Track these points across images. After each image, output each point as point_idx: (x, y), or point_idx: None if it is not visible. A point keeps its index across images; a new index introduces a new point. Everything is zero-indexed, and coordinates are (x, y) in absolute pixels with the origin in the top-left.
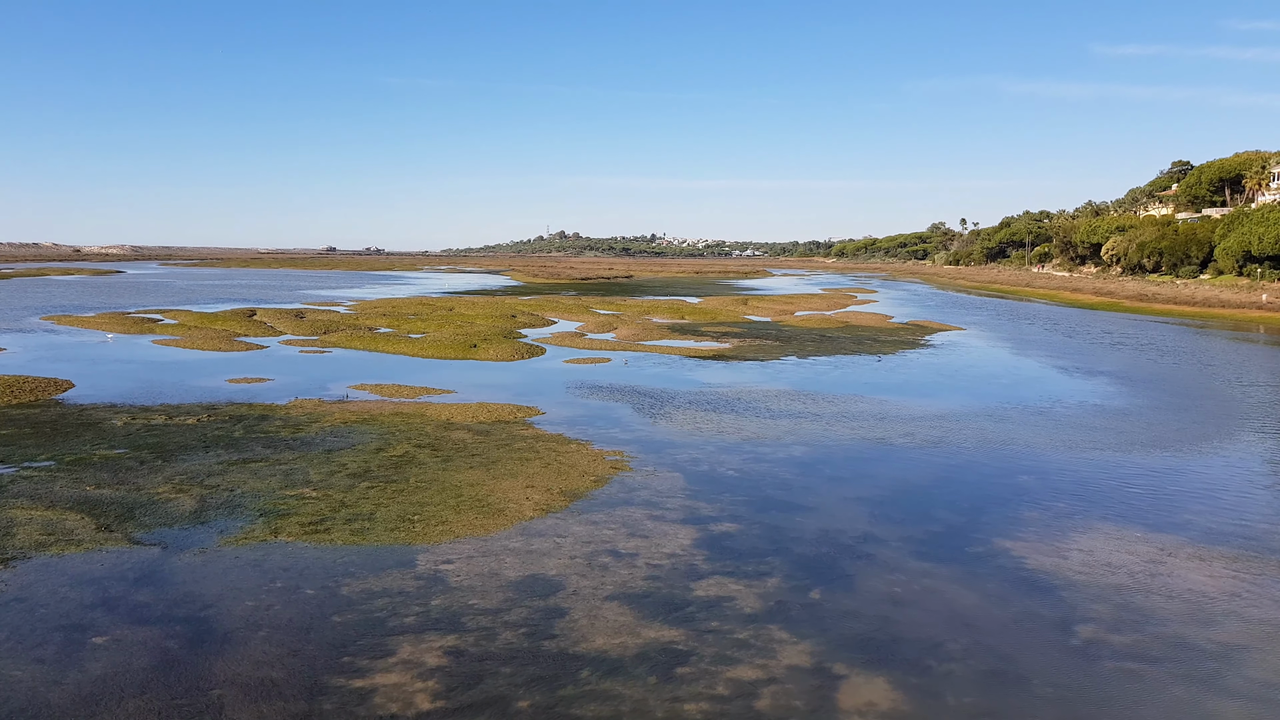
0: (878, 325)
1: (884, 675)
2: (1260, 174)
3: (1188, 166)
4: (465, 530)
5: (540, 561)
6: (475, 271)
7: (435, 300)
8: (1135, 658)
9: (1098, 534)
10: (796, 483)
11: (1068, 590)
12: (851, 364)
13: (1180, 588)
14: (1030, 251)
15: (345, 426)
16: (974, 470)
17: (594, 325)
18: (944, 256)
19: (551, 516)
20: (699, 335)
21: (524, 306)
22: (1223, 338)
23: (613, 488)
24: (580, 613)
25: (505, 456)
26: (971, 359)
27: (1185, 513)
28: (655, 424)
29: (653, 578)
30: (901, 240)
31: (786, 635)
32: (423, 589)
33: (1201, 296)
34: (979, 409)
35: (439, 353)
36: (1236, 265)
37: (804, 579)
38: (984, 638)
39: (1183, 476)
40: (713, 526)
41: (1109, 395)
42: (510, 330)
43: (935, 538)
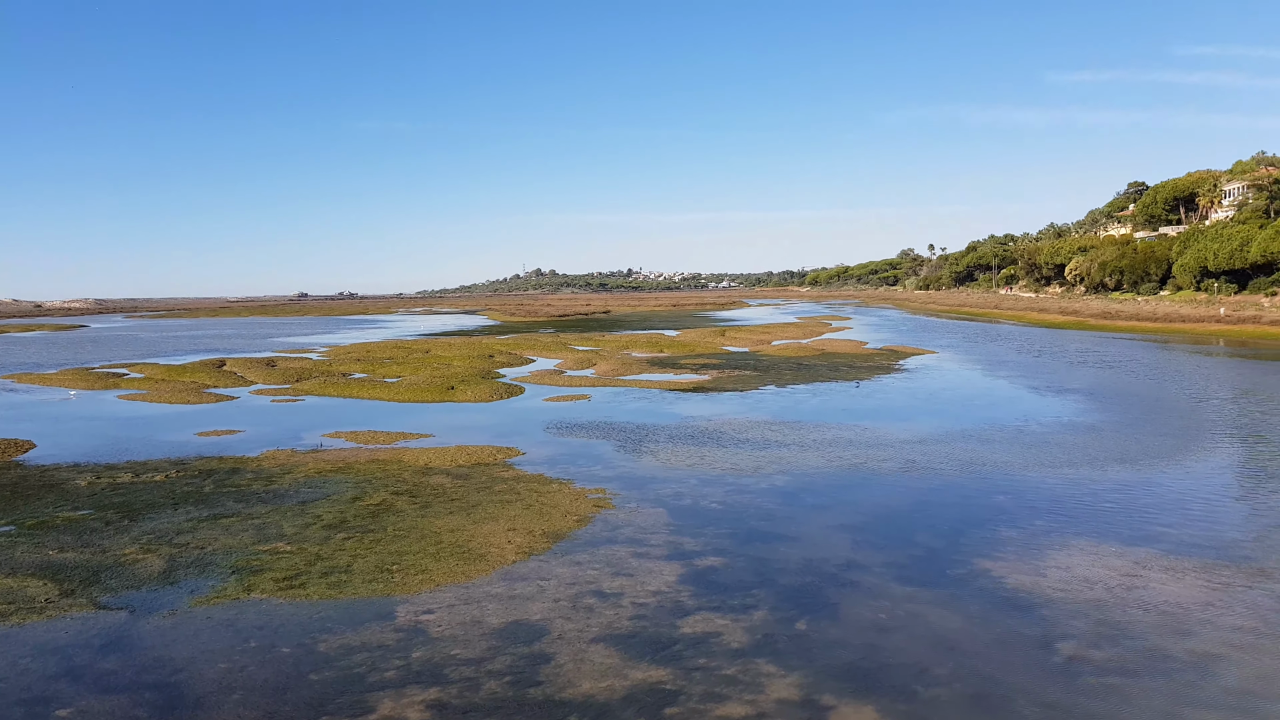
0: (853, 352)
1: (872, 703)
2: (1212, 192)
3: (1143, 187)
4: (446, 578)
5: (524, 606)
6: (452, 312)
7: (411, 343)
8: (1115, 672)
9: (1074, 550)
10: (779, 513)
11: (1048, 608)
12: (829, 391)
13: (1156, 600)
14: (997, 274)
15: (320, 477)
16: (952, 492)
17: (573, 362)
18: (914, 282)
19: (534, 559)
20: (678, 368)
21: (502, 346)
22: (1185, 351)
23: (596, 526)
24: (566, 657)
25: (485, 500)
26: (945, 382)
27: (1157, 525)
28: (637, 459)
29: (638, 617)
30: (873, 267)
31: (774, 668)
32: (403, 641)
33: (1162, 312)
34: (954, 431)
35: (415, 396)
36: (1194, 281)
37: (790, 610)
38: (968, 660)
39: (1153, 490)
40: (697, 561)
41: (1079, 413)
42: (488, 370)
43: (917, 561)
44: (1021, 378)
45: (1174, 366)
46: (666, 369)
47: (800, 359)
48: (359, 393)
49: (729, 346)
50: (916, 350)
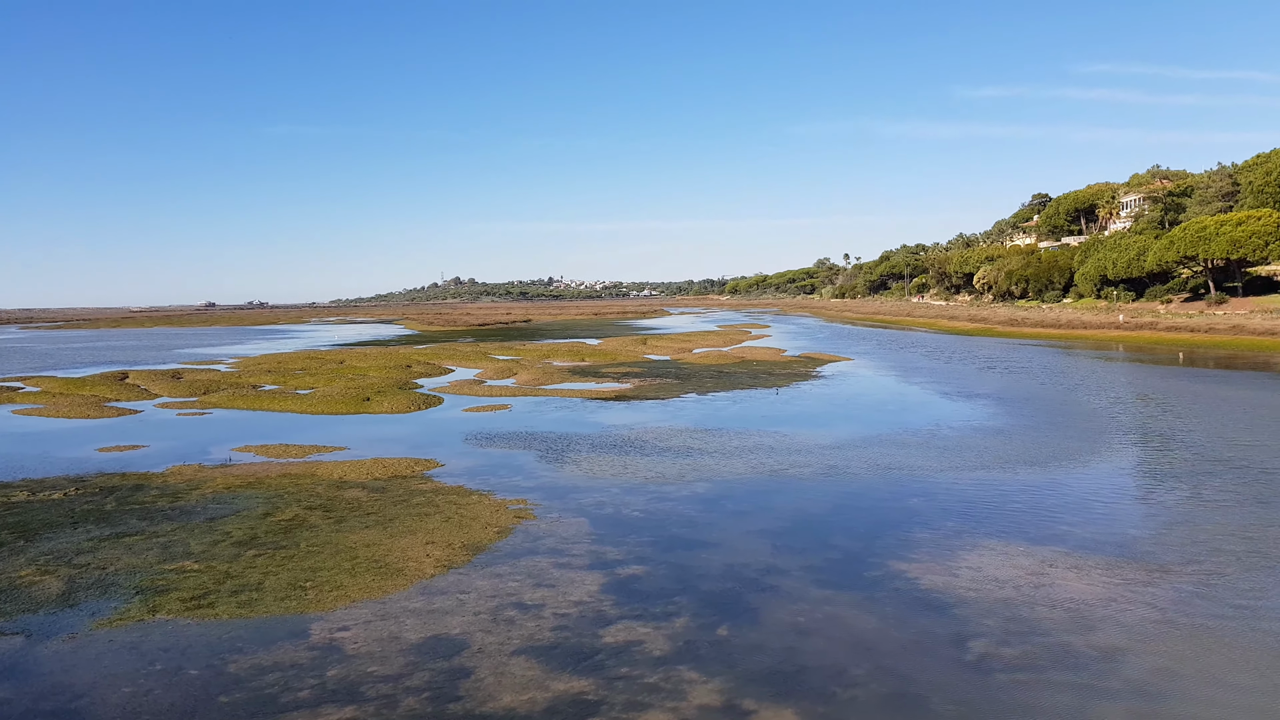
0: (772, 359)
1: (791, 707)
2: (1111, 203)
3: (1047, 199)
4: (362, 594)
5: (443, 620)
6: (367, 322)
7: (324, 353)
8: (1024, 668)
9: (984, 550)
10: (700, 519)
11: (960, 607)
12: (749, 398)
13: (1062, 597)
14: (909, 283)
15: (229, 492)
16: (868, 496)
17: (493, 372)
18: (831, 290)
19: (453, 572)
20: (600, 377)
21: (420, 356)
22: (1087, 357)
23: (517, 538)
24: (486, 670)
25: (403, 513)
26: (860, 388)
27: (1062, 525)
28: (559, 469)
29: (560, 628)
30: (791, 276)
31: (696, 675)
32: (317, 660)
33: (1065, 319)
34: (870, 436)
35: (329, 408)
36: (1095, 289)
37: (711, 616)
38: (884, 660)
39: (1058, 490)
40: (619, 570)
41: (988, 417)
42: (405, 381)
43: (835, 564)
44: (933, 383)
45: (1077, 372)
46: (588, 378)
47: (721, 367)
48: (270, 405)
49: (651, 355)
50: (833, 357)
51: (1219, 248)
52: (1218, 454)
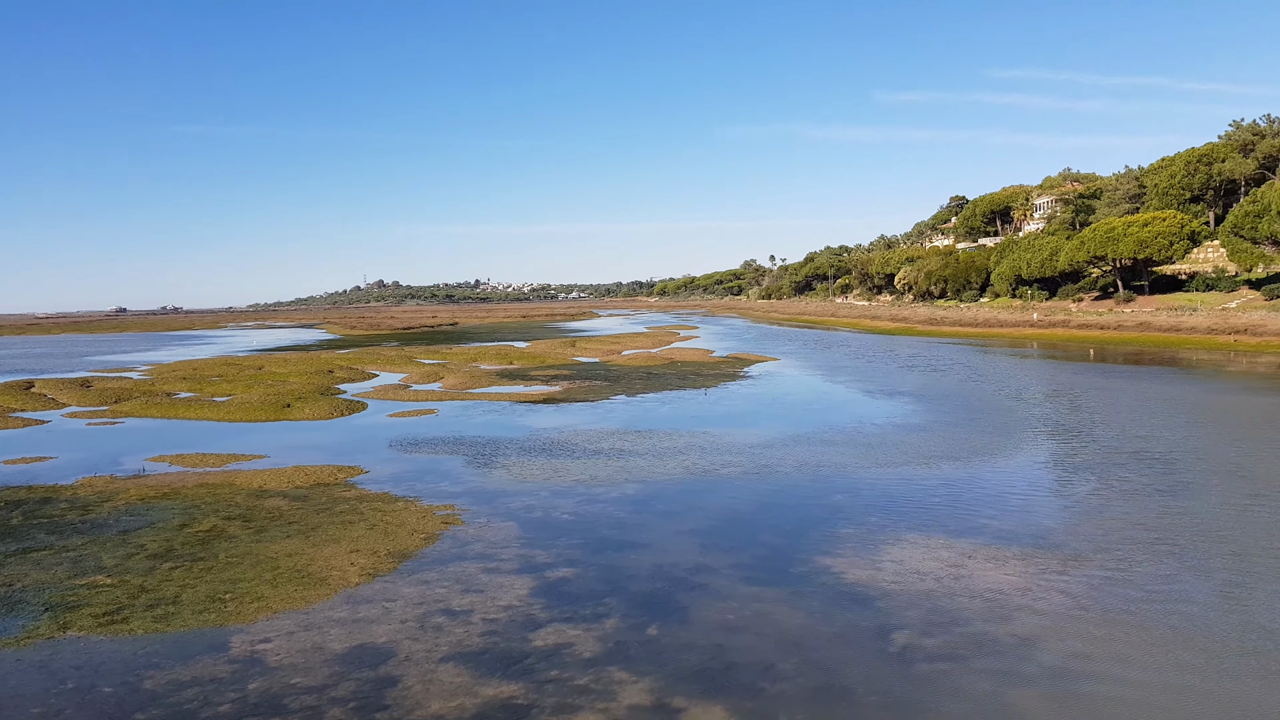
0: (700, 360)
1: (721, 703)
2: (1025, 205)
3: (964, 201)
4: (284, 605)
5: (368, 629)
6: (287, 326)
7: (242, 359)
8: (945, 658)
9: (907, 544)
10: (630, 521)
11: (883, 600)
12: (678, 399)
13: (981, 588)
14: (833, 284)
15: (143, 504)
16: (794, 493)
17: (419, 376)
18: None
19: (379, 580)
20: (528, 380)
21: (342, 360)
22: (1003, 354)
23: (444, 544)
24: (414, 679)
25: (326, 522)
26: (787, 388)
27: (980, 518)
28: (487, 474)
29: (489, 633)
30: (718, 278)
31: (626, 675)
32: (238, 673)
33: (983, 318)
34: (796, 435)
35: (248, 415)
36: (1010, 288)
37: (641, 616)
38: (811, 654)
39: (977, 484)
40: (549, 573)
41: (909, 414)
42: (328, 387)
43: (762, 562)
44: (857, 382)
45: (993, 369)
46: (516, 381)
47: (650, 368)
48: (185, 413)
49: (579, 357)
50: (760, 358)
51: (1126, 248)
52: (1126, 447)
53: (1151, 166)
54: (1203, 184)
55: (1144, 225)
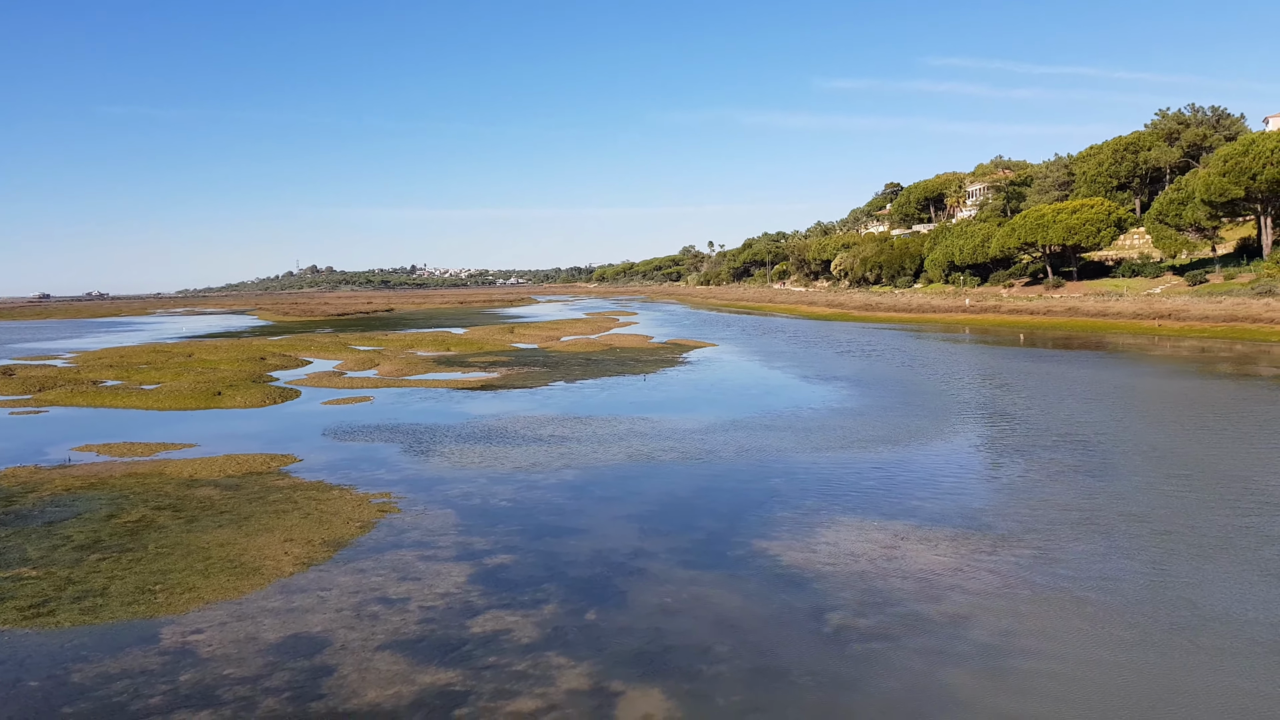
0: (640, 346)
1: (658, 686)
2: (958, 192)
3: (899, 188)
4: (216, 595)
5: (303, 619)
6: (218, 312)
7: (171, 346)
8: (879, 638)
9: (841, 526)
10: (569, 506)
11: (819, 582)
12: (617, 385)
13: (913, 568)
14: (771, 270)
15: (68, 494)
16: (732, 478)
17: (353, 363)
18: (696, 278)
19: (314, 570)
20: (466, 366)
21: (275, 347)
22: (936, 339)
23: (380, 532)
24: (350, 667)
25: (259, 511)
26: (725, 373)
27: (913, 500)
28: (424, 461)
29: (426, 620)
30: (657, 264)
31: (565, 660)
32: (169, 665)
33: (916, 304)
34: (734, 420)
35: (178, 404)
36: (944, 274)
37: (580, 601)
38: (748, 636)
39: (910, 467)
40: (487, 560)
41: (844, 398)
42: (260, 374)
43: (700, 546)
44: (794, 367)
45: (927, 354)
46: (454, 367)
47: (589, 354)
48: (113, 401)
49: (518, 343)
50: (699, 343)
51: (1056, 235)
52: (1054, 430)
53: (1080, 154)
54: (1129, 172)
55: (1073, 212)
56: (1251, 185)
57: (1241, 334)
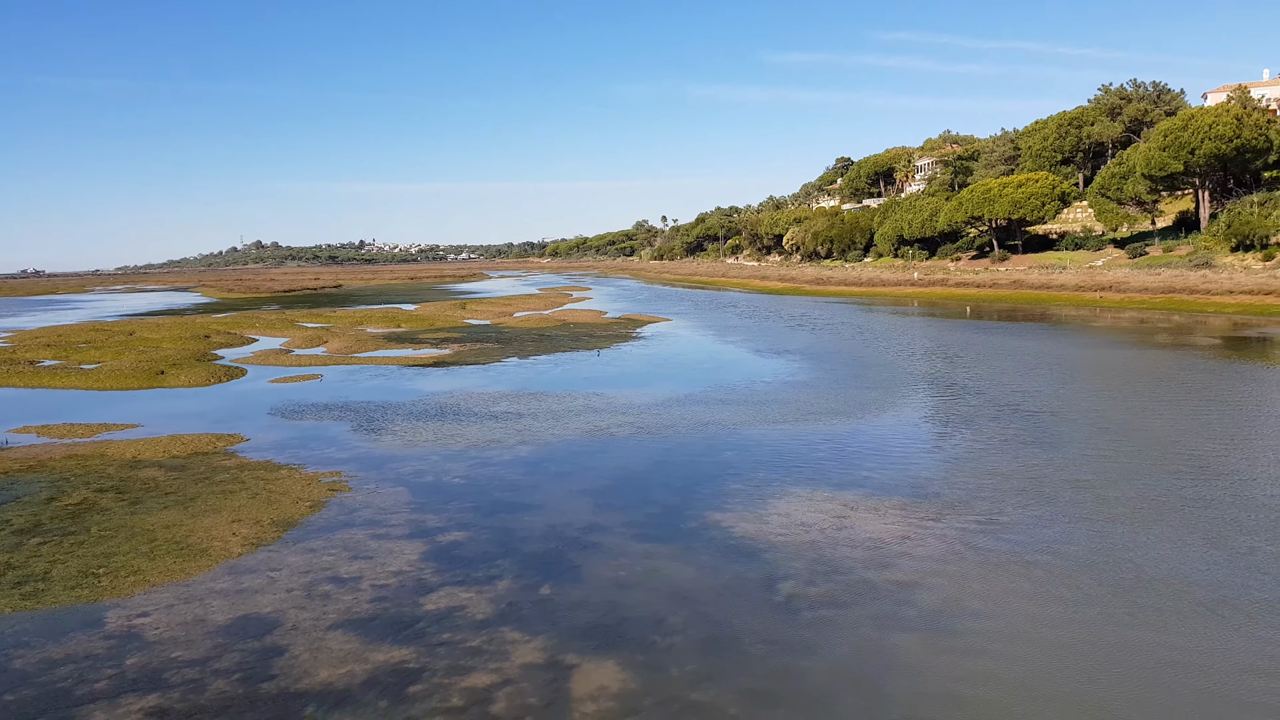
0: (593, 321)
1: (613, 658)
2: (907, 167)
3: (849, 162)
4: (163, 577)
5: (252, 600)
6: (159, 290)
7: (111, 325)
8: (829, 605)
9: (793, 498)
10: (523, 483)
11: (770, 552)
12: (571, 361)
13: (862, 537)
14: (724, 244)
15: (6, 477)
16: (686, 451)
17: (301, 340)
18: (650, 252)
19: (263, 550)
20: (417, 343)
21: (219, 325)
22: (885, 312)
23: (331, 511)
24: (301, 647)
25: (206, 491)
26: (679, 348)
27: (862, 470)
28: (375, 439)
29: (379, 599)
30: (611, 238)
31: (519, 635)
32: (115, 649)
33: (867, 277)
34: (687, 394)
35: (119, 384)
36: (893, 248)
37: (534, 577)
38: (701, 607)
39: (859, 438)
40: (440, 537)
41: (796, 372)
42: (204, 352)
43: (654, 519)
44: (747, 341)
45: (876, 327)
46: (405, 344)
47: (542, 330)
48: (51, 382)
49: (470, 319)
50: (653, 318)
51: (1002, 209)
52: (999, 400)
53: (1026, 129)
54: (1073, 146)
55: (1018, 186)
56: (1190, 160)
57: (1179, 305)
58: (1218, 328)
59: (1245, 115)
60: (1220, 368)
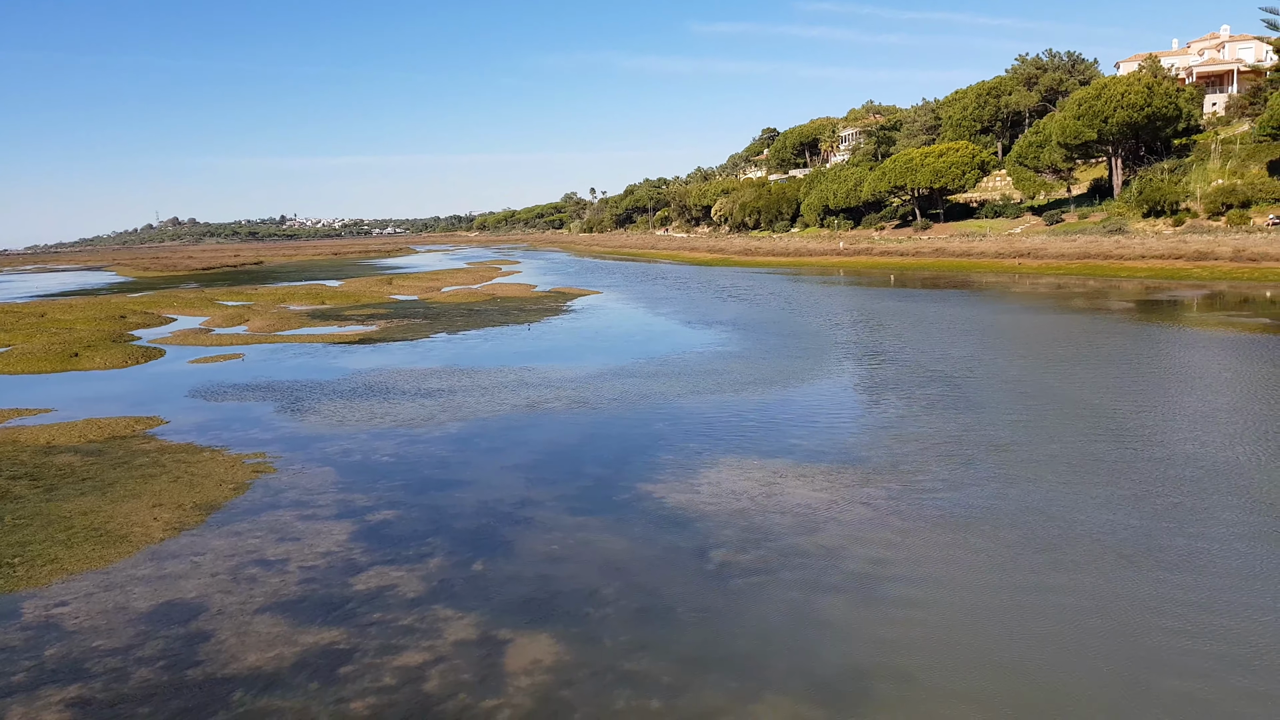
0: (523, 295)
1: (546, 631)
2: (831, 137)
3: (775, 133)
4: (81, 566)
5: (176, 585)
6: (72, 269)
7: (20, 306)
8: (759, 572)
9: (723, 467)
10: (454, 459)
11: (702, 521)
12: (501, 335)
13: (791, 504)
14: (653, 216)
15: None
16: (617, 424)
17: (222, 319)
18: (579, 225)
19: (186, 534)
20: (342, 320)
21: (136, 305)
22: (813, 282)
23: (256, 493)
24: (228, 632)
25: (125, 476)
26: (610, 320)
27: (791, 438)
28: (300, 419)
29: (308, 580)
30: (539, 211)
31: (451, 612)
32: (32, 640)
33: (794, 247)
34: (619, 366)
35: (30, 367)
36: (819, 218)
37: (466, 553)
38: (634, 578)
39: (788, 407)
40: (369, 517)
41: (726, 342)
42: (120, 333)
43: (586, 492)
44: (677, 313)
45: (804, 297)
46: (330, 321)
47: (471, 305)
48: None
49: (397, 295)
50: (583, 291)
51: (924, 178)
52: (923, 366)
53: (946, 99)
54: (992, 116)
55: (939, 156)
56: (1104, 128)
57: (1094, 270)
58: (1131, 291)
59: (1156, 84)
60: (1133, 330)
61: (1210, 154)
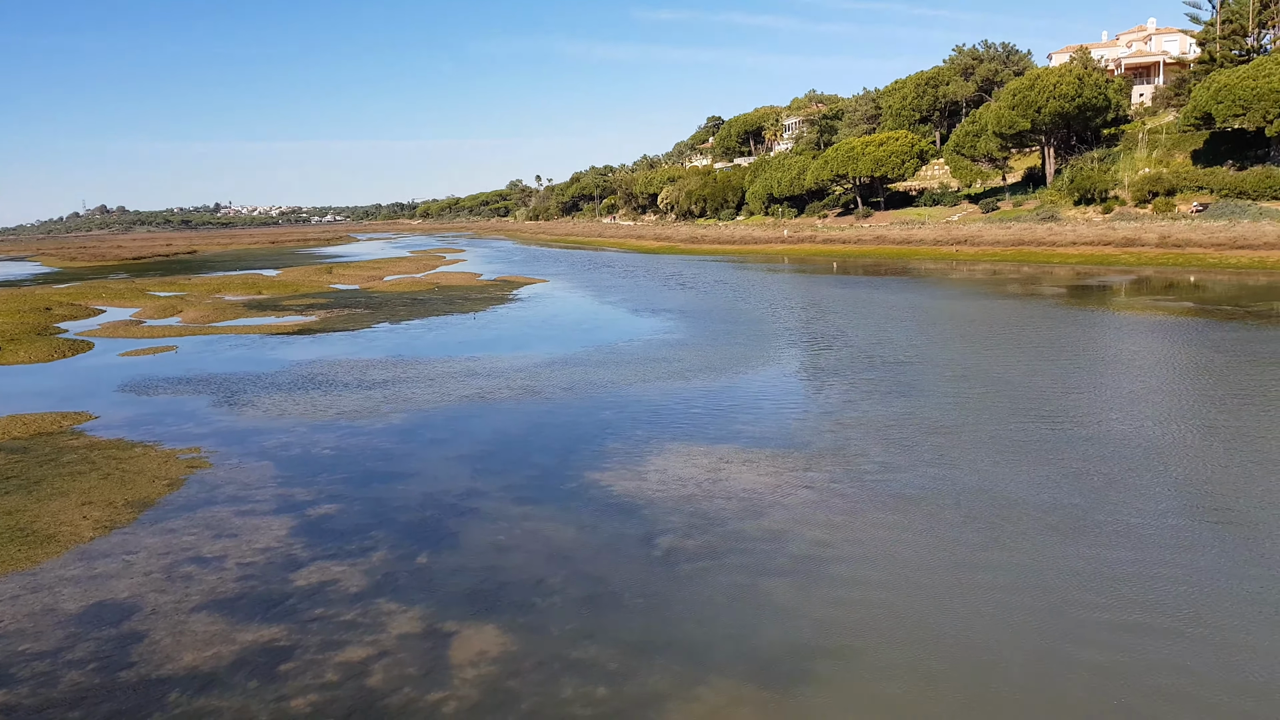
0: (468, 284)
1: (493, 622)
2: (775, 126)
3: (720, 121)
4: (5, 567)
5: (107, 585)
6: None
7: None
8: (705, 557)
9: (670, 454)
10: (397, 451)
11: (648, 508)
12: (445, 325)
13: (736, 489)
14: (600, 204)
15: None
16: (564, 413)
17: (153, 310)
18: (525, 213)
19: (117, 533)
20: (280, 310)
21: (62, 296)
22: (758, 270)
23: (191, 489)
24: (162, 632)
25: (51, 474)
26: (556, 309)
27: (737, 424)
28: (237, 413)
29: (246, 578)
30: (484, 199)
31: (395, 605)
32: None
33: (739, 235)
34: (565, 355)
35: None
36: (764, 206)
37: (410, 546)
38: (581, 566)
39: (733, 394)
40: (310, 511)
41: (671, 330)
42: (45, 326)
43: (533, 481)
44: (624, 301)
45: (749, 284)
46: (267, 312)
47: (415, 294)
48: None
49: (337, 284)
50: (529, 280)
51: (865, 166)
52: (864, 352)
53: (886, 89)
54: (930, 105)
55: (880, 145)
56: (1037, 118)
57: (1028, 257)
58: (1063, 277)
59: (1086, 75)
60: (1065, 315)
61: (1138, 143)
